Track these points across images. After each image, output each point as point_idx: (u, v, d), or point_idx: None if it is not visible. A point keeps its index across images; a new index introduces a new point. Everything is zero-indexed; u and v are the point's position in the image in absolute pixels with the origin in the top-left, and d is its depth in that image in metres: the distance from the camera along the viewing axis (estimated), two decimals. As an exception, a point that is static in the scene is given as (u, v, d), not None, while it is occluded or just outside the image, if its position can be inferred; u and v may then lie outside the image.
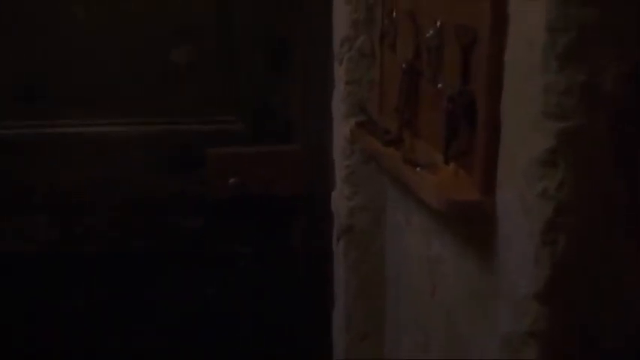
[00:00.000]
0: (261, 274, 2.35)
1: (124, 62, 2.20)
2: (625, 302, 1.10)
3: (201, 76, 2.22)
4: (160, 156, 2.26)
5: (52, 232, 2.29)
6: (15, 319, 2.33)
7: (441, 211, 1.31)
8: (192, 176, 2.25)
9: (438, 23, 1.39)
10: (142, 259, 2.31)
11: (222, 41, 2.22)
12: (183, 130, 2.25)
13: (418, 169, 1.42)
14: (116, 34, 2.18)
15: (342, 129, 1.99)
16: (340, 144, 2.02)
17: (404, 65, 1.55)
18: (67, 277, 2.31)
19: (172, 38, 2.20)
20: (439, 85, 1.32)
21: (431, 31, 1.41)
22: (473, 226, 1.34)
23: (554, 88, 1.02)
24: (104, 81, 2.20)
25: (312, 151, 2.26)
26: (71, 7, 2.16)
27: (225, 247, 2.32)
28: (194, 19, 2.20)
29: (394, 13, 1.67)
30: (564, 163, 1.04)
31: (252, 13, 2.20)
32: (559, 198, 1.05)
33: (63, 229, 2.29)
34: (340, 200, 2.05)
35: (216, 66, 2.22)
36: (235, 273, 2.34)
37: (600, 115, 1.03)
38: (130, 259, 2.31)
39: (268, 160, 2.26)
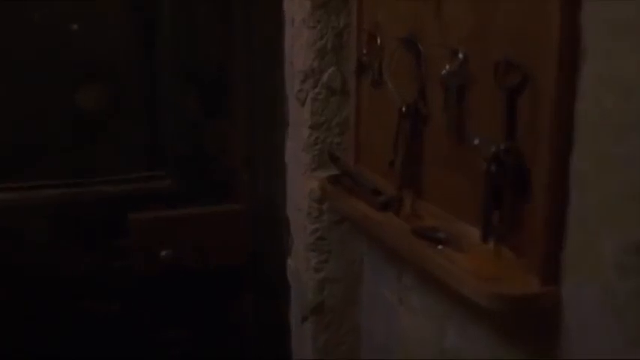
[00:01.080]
0: (202, 361, 2.17)
1: (19, 112, 1.97)
2: None
3: (117, 123, 2.03)
4: (71, 225, 2.05)
5: None
6: None
7: (487, 307, 1.11)
8: (112, 248, 2.06)
9: (461, 55, 1.21)
10: (51, 353, 2.08)
11: (141, 79, 2.02)
12: (98, 191, 2.05)
13: (440, 247, 1.23)
14: (7, 76, 1.95)
15: (304, 184, 1.82)
16: (302, 202, 1.86)
17: (404, 108, 1.37)
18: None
19: (78, 79, 1.99)
20: (476, 142, 1.12)
21: (448, 66, 1.23)
22: (516, 319, 1.20)
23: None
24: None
25: (260, 211, 2.09)
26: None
27: (156, 333, 2.12)
28: (104, 53, 1.99)
29: (379, 39, 1.49)
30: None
31: (179, 44, 2.01)
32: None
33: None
34: (305, 272, 1.88)
35: (135, 110, 2.03)
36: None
37: None
38: (35, 353, 2.08)
39: (205, 225, 2.07)
